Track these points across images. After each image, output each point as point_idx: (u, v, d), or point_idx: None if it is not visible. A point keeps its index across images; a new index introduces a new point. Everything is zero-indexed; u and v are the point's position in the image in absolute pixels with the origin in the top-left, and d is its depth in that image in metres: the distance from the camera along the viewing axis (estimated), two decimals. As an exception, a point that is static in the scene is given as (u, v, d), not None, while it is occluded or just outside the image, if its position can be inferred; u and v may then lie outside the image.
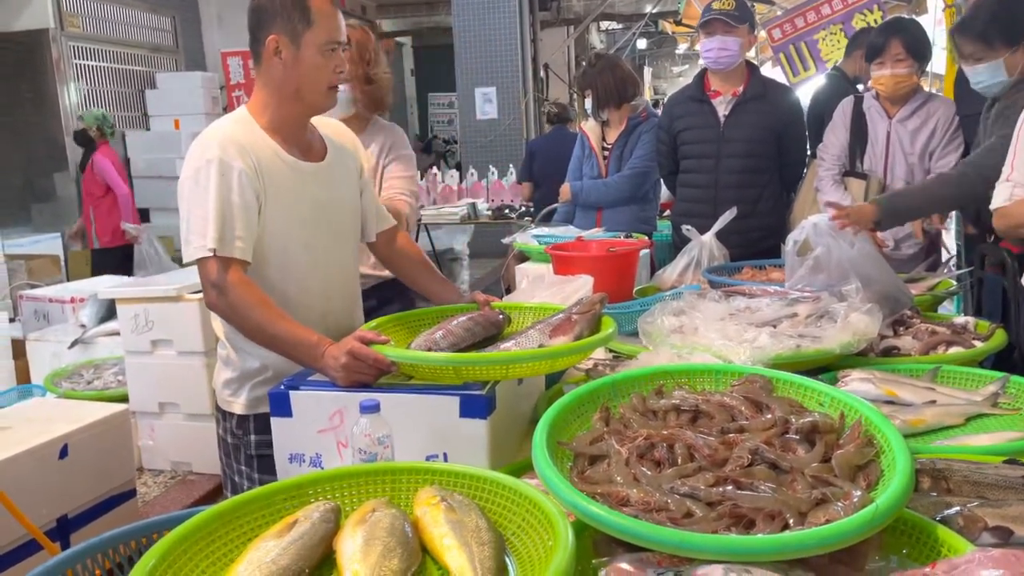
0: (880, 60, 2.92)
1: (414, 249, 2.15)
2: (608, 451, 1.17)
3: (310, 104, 1.82)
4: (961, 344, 1.93)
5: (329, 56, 1.78)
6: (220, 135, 1.77)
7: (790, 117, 3.25)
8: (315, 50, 1.76)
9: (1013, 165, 2.08)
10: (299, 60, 1.77)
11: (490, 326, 1.78)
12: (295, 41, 1.76)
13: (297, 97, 1.80)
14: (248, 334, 1.74)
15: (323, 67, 1.78)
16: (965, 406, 1.60)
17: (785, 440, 1.15)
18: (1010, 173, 2.08)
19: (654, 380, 1.40)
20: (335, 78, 1.81)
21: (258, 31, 1.80)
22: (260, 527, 1.09)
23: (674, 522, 0.98)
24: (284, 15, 1.76)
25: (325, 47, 1.76)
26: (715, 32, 3.10)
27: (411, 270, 2.12)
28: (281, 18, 1.77)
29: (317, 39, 1.76)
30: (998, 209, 2.11)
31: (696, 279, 2.70)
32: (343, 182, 1.95)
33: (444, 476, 1.18)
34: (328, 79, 1.79)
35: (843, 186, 3.06)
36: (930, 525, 1.03)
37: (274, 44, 1.77)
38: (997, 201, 2.10)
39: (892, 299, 2.08)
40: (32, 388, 3.64)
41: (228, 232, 1.70)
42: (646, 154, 3.67)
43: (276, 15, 1.77)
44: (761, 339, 1.71)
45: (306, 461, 1.57)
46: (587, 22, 10.92)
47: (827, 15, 6.84)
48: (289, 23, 1.76)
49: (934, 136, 2.93)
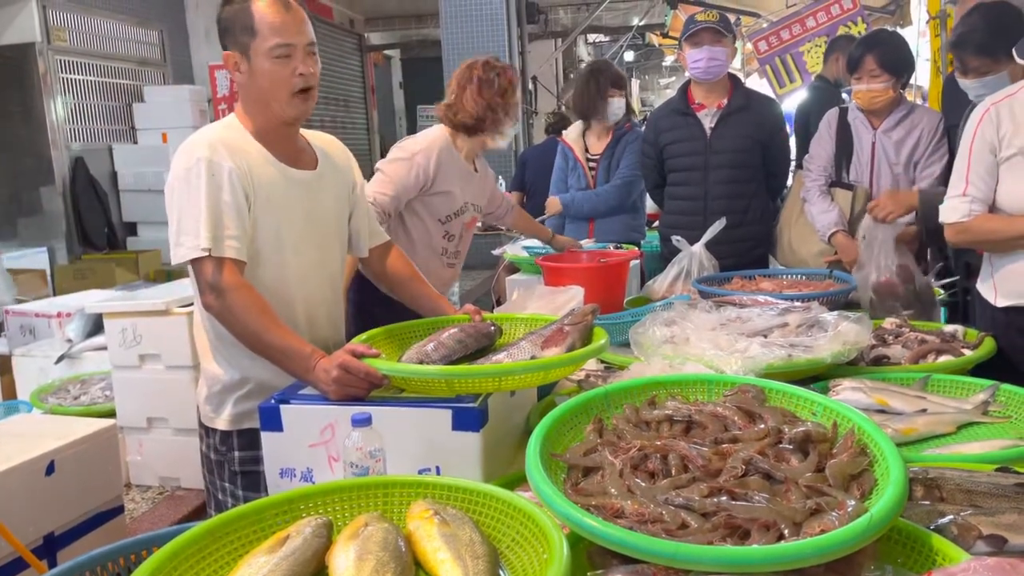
0: (857, 75, 2.95)
1: (407, 265, 2.15)
2: (602, 462, 1.16)
3: (278, 112, 1.80)
4: (951, 353, 1.94)
5: (281, 62, 1.75)
6: (209, 137, 1.76)
7: (774, 127, 3.27)
8: (264, 58, 1.75)
9: (968, 179, 2.12)
10: (253, 71, 1.77)
11: (481, 338, 1.78)
12: (245, 53, 1.76)
13: (265, 107, 1.80)
14: (241, 338, 1.72)
15: (277, 73, 1.75)
16: (956, 414, 1.60)
17: (778, 450, 1.15)
18: (965, 187, 2.12)
19: (647, 391, 1.40)
20: (296, 82, 1.77)
21: (222, 48, 1.81)
22: (251, 543, 1.08)
23: (669, 533, 0.98)
24: (232, 30, 1.77)
25: (273, 53, 1.74)
26: (703, 43, 3.12)
27: (405, 286, 2.11)
28: (231, 33, 1.77)
29: (263, 47, 1.74)
30: (956, 224, 2.15)
31: (686, 289, 2.71)
32: (333, 193, 1.95)
33: (437, 489, 1.17)
34: (286, 85, 1.76)
35: (830, 196, 3.09)
36: (924, 534, 1.03)
37: (231, 59, 1.78)
38: (953, 216, 2.14)
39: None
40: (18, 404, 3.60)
41: (221, 232, 1.69)
42: (633, 163, 3.68)
43: (226, 31, 1.78)
44: (752, 349, 1.71)
45: (297, 476, 1.56)
46: (575, 35, 10.99)
47: (812, 27, 6.91)
48: (237, 37, 1.76)
49: (919, 146, 2.95)
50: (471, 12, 8.23)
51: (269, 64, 1.74)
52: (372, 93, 11.57)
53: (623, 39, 12.31)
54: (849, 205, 3.03)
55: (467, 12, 8.23)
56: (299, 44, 1.76)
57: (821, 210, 3.06)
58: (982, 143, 2.11)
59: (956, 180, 2.17)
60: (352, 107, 10.77)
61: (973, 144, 2.12)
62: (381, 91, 12.32)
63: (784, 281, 2.71)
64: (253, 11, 1.74)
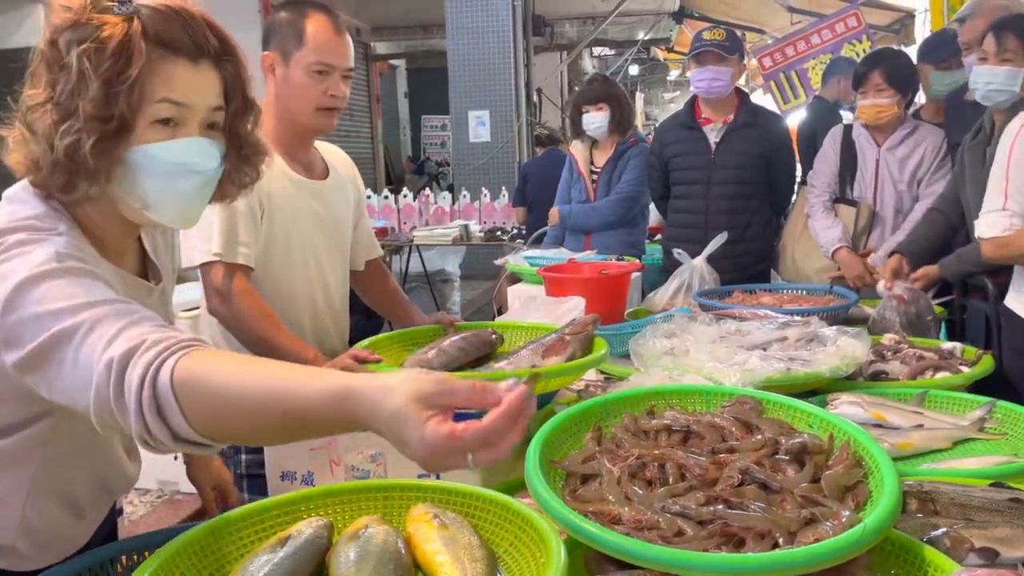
0: (863, 90, 2.97)
1: (387, 277, 2.22)
2: (600, 470, 1.17)
3: (301, 124, 1.84)
4: (948, 369, 1.95)
5: (317, 78, 1.80)
6: None
7: (779, 144, 3.29)
8: (302, 71, 1.79)
9: (1007, 194, 2.08)
10: (287, 79, 1.81)
11: (482, 345, 1.80)
12: (286, 60, 1.80)
13: (289, 115, 1.83)
14: (245, 343, 1.74)
15: (310, 88, 1.80)
16: (952, 430, 1.61)
17: (775, 460, 1.16)
18: (1004, 202, 2.08)
19: (646, 401, 1.41)
20: (325, 100, 1.82)
21: (263, 48, 1.84)
22: (252, 543, 1.09)
23: (665, 540, 0.99)
24: (280, 34, 1.81)
25: (312, 68, 1.79)
26: (707, 62, 3.14)
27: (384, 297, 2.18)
28: (277, 37, 1.81)
29: (305, 60, 1.79)
30: (995, 238, 2.10)
31: (687, 302, 2.72)
32: (342, 204, 1.98)
33: (436, 493, 1.18)
34: (315, 100, 1.81)
35: (833, 213, 3.10)
36: (917, 546, 1.04)
37: (268, 61, 1.82)
38: (993, 230, 2.09)
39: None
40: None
41: (233, 238, 1.72)
42: (634, 179, 3.70)
43: (274, 34, 1.82)
44: (752, 362, 1.72)
45: (298, 479, 1.57)
46: (580, 48, 11.04)
47: (816, 44, 6.96)
48: (283, 42, 1.80)
49: (922, 164, 2.97)
50: (477, 23, 8.28)
51: (306, 77, 1.79)
52: (377, 102, 11.63)
53: (628, 53, 12.37)
54: (853, 221, 3.05)
55: (473, 23, 8.28)
56: (339, 67, 1.82)
57: (824, 226, 3.07)
58: (1021, 155, 2.07)
59: (994, 194, 2.11)
60: (357, 116, 10.83)
61: (1011, 157, 2.07)
62: (386, 100, 12.38)
63: (785, 296, 2.72)
64: (306, 25, 1.79)
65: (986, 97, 2.46)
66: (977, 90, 2.46)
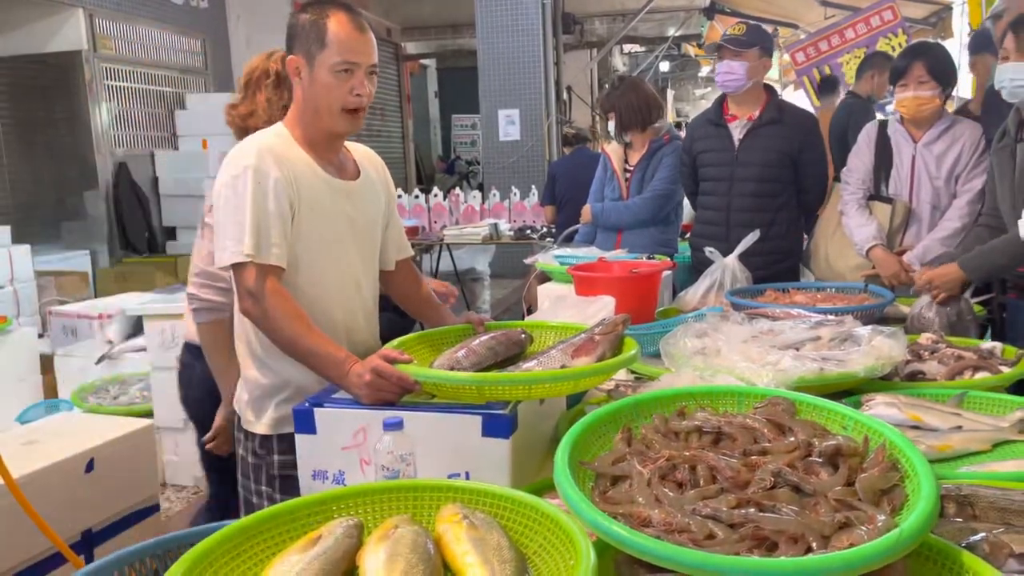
0: (903, 82, 2.91)
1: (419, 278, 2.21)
2: (630, 472, 1.17)
3: (328, 125, 1.85)
4: (988, 369, 1.91)
5: (342, 77, 1.80)
6: (258, 145, 1.81)
7: (806, 141, 3.22)
8: (327, 71, 1.79)
9: None
10: (313, 81, 1.81)
11: (512, 345, 1.79)
12: (310, 62, 1.81)
13: (317, 117, 1.84)
14: (278, 343, 1.76)
15: (335, 88, 1.80)
16: (991, 432, 1.58)
17: (808, 463, 1.15)
18: None
19: (676, 401, 1.40)
20: (350, 100, 1.82)
21: (287, 52, 1.85)
22: (284, 542, 1.10)
23: (696, 543, 0.98)
24: (303, 37, 1.81)
25: (336, 68, 1.79)
26: (724, 57, 3.16)
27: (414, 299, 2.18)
28: (301, 40, 1.82)
29: (328, 60, 1.79)
30: None
31: (719, 301, 2.70)
32: (373, 205, 1.99)
33: (466, 494, 1.18)
34: (340, 101, 1.81)
35: (868, 210, 3.05)
36: (955, 551, 1.02)
37: (294, 64, 1.83)
38: None
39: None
40: (59, 403, 3.69)
41: (264, 239, 1.73)
42: (667, 176, 3.68)
43: (297, 37, 1.83)
44: (784, 362, 1.70)
45: (329, 478, 1.58)
46: (610, 45, 10.99)
47: (851, 39, 6.85)
48: (306, 45, 1.81)
49: (960, 160, 2.91)
50: (507, 22, 8.28)
51: (330, 77, 1.79)
52: (408, 102, 11.67)
53: (659, 50, 12.28)
54: (888, 219, 3.00)
55: (503, 22, 8.28)
56: (363, 64, 1.82)
57: (859, 224, 3.02)
58: None
59: None
60: (388, 115, 10.89)
61: None
62: (417, 100, 12.43)
63: (818, 295, 2.68)
64: (328, 25, 1.79)
65: (1013, 94, 2.43)
66: (1004, 88, 2.43)
